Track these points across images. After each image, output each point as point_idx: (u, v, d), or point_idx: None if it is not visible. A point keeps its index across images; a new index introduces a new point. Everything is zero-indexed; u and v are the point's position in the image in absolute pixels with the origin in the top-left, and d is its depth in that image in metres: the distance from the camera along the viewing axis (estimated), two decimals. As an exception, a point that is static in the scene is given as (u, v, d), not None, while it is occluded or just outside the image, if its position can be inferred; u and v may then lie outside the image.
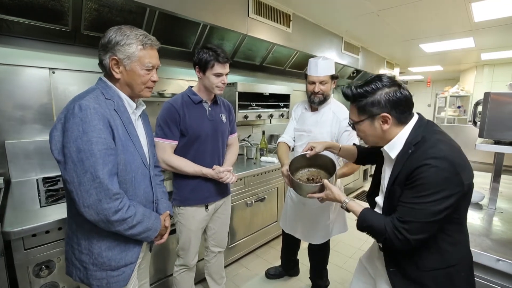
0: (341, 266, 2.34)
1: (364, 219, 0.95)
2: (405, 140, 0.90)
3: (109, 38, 0.93)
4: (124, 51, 0.93)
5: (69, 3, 1.46)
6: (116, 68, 0.95)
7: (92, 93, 0.91)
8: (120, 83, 0.99)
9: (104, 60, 0.95)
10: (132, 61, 0.95)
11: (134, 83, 0.99)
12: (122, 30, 0.94)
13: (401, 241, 0.84)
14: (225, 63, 1.39)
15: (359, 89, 0.92)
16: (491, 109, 1.32)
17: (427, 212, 0.80)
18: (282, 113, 3.02)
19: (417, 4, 2.44)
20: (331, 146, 1.37)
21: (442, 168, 0.79)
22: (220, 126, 1.53)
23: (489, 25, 2.98)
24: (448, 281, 0.88)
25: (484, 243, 1.11)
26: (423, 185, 0.80)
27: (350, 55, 3.71)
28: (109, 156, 0.87)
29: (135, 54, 0.95)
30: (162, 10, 1.68)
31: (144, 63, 0.97)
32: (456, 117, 5.87)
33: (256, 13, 2.23)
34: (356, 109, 0.95)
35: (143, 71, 0.98)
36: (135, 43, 0.94)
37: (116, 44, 0.93)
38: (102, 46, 0.95)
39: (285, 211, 1.97)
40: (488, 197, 1.50)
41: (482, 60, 5.08)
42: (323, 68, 1.59)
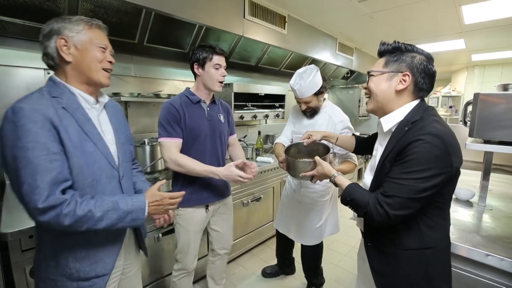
0: (336, 264, 2.38)
1: (349, 192, 0.96)
2: (404, 117, 0.91)
3: (51, 26, 0.84)
4: (72, 28, 0.84)
5: (65, 4, 1.46)
6: (66, 49, 0.84)
7: (34, 93, 0.82)
8: (72, 73, 0.87)
9: (49, 47, 0.84)
10: (82, 39, 0.86)
11: (90, 63, 0.88)
12: (62, 16, 0.87)
13: (381, 216, 0.85)
14: (222, 54, 1.43)
15: (400, 43, 0.93)
16: (480, 110, 1.36)
17: (413, 188, 0.81)
18: (277, 114, 3.04)
19: (410, 7, 2.50)
20: (328, 135, 1.41)
21: (435, 145, 0.79)
22: (218, 126, 1.53)
23: (479, 27, 3.06)
24: (422, 263, 0.90)
25: (474, 239, 1.15)
26: (413, 160, 0.81)
27: (345, 56, 3.75)
28: (52, 163, 0.76)
29: (84, 32, 0.86)
30: (158, 12, 1.69)
31: (95, 42, 0.88)
32: (448, 117, 5.97)
33: (251, 14, 2.25)
34: (384, 61, 0.95)
35: (97, 47, 0.88)
36: (81, 23, 0.86)
37: (60, 27, 0.84)
38: (44, 37, 0.85)
39: (280, 211, 1.99)
40: (478, 195, 1.55)
41: (472, 61, 5.19)
42: (303, 91, 1.58)
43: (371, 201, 0.88)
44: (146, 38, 1.90)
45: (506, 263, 1.00)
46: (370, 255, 1.01)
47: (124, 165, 1.01)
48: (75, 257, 0.87)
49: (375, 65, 0.98)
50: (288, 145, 1.48)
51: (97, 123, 0.93)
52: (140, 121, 2.23)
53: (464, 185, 1.82)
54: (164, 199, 0.96)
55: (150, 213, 0.93)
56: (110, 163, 0.93)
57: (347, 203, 0.97)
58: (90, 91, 0.92)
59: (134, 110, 2.17)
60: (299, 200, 1.80)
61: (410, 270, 0.92)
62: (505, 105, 1.25)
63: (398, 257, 0.92)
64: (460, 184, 1.84)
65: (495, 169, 2.55)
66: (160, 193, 0.96)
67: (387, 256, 0.95)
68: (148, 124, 2.28)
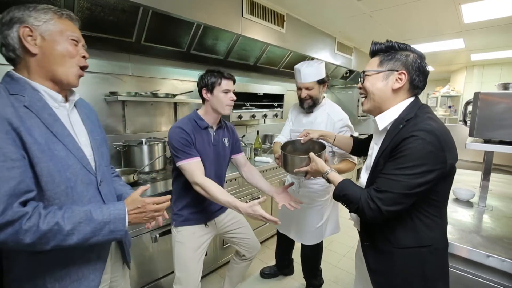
0: (335, 265, 2.36)
1: (341, 187, 0.97)
2: (398, 115, 0.92)
3: (12, 13, 0.73)
4: (38, 16, 0.73)
5: (61, 2, 1.44)
6: (31, 39, 0.73)
7: None
8: (36, 68, 0.76)
9: (9, 36, 0.73)
10: (51, 29, 0.74)
11: (60, 57, 0.76)
12: (26, 4, 0.75)
13: (373, 211, 0.85)
14: (230, 78, 1.42)
15: (393, 42, 0.94)
16: (480, 109, 1.35)
17: (405, 184, 0.81)
18: (276, 113, 3.03)
19: (409, 6, 2.48)
20: (326, 134, 1.42)
21: (428, 141, 0.80)
22: (222, 151, 1.52)
23: (479, 26, 3.05)
24: (418, 262, 0.90)
25: (474, 240, 1.13)
26: (406, 156, 0.82)
27: (343, 55, 3.74)
28: (10, 171, 0.65)
29: (53, 22, 0.75)
30: (155, 10, 1.67)
31: (65, 34, 0.76)
32: (447, 117, 5.97)
33: (250, 13, 2.23)
34: (379, 60, 0.95)
35: (69, 40, 0.77)
36: (49, 11, 0.76)
37: (24, 14, 0.73)
38: (3, 25, 0.73)
39: (280, 211, 1.97)
40: (478, 195, 1.53)
41: (472, 61, 5.19)
42: (307, 74, 1.59)
43: (363, 196, 0.89)
44: (144, 37, 1.88)
45: (507, 264, 0.99)
46: (367, 254, 1.01)
47: (102, 169, 0.90)
48: (54, 276, 0.78)
49: (369, 65, 0.98)
50: (284, 142, 1.48)
51: (68, 124, 0.82)
52: (138, 120, 2.21)
53: (464, 185, 1.81)
54: (148, 205, 0.84)
55: (131, 223, 0.82)
56: (86, 167, 0.83)
57: (339, 199, 0.98)
58: (56, 89, 0.81)
59: (131, 110, 2.15)
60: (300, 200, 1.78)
61: (406, 268, 0.91)
62: (506, 104, 1.24)
63: (394, 255, 0.92)
64: (460, 184, 1.85)
65: (496, 169, 2.54)
66: (143, 198, 0.84)
67: (383, 254, 0.95)
68: (145, 124, 2.26)
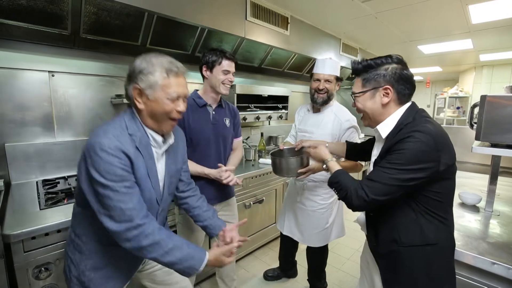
0: (339, 268, 2.35)
1: (336, 175, 1.03)
2: (397, 121, 0.96)
3: (134, 67, 0.90)
4: (147, 80, 0.88)
5: (69, 7, 1.47)
6: (139, 97, 0.90)
7: (117, 128, 0.88)
8: (143, 114, 0.93)
9: (129, 90, 0.92)
10: (155, 90, 0.89)
11: (157, 114, 0.91)
12: (147, 58, 0.90)
13: (359, 198, 0.90)
14: (231, 59, 1.44)
15: (369, 61, 0.98)
16: (487, 112, 1.33)
17: (394, 177, 0.85)
18: (280, 115, 3.03)
19: (415, 7, 2.46)
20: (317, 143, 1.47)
21: (423, 141, 0.84)
22: (222, 130, 1.53)
23: (487, 27, 3.00)
24: (424, 260, 0.91)
25: (480, 246, 1.11)
26: (400, 153, 0.86)
27: (349, 56, 3.72)
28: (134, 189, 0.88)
29: (158, 83, 0.88)
30: (160, 14, 1.70)
31: (168, 92, 0.90)
32: (455, 118, 5.87)
33: (253, 16, 2.24)
34: (361, 81, 1.00)
35: (167, 100, 0.90)
36: (158, 70, 0.88)
37: (139, 73, 0.88)
38: (128, 76, 0.92)
39: (283, 213, 1.98)
40: (485, 200, 1.51)
41: (481, 61, 5.09)
42: (330, 67, 1.63)
43: (353, 185, 0.94)
44: (149, 40, 1.91)
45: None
46: (376, 256, 1.03)
47: (166, 199, 1.07)
48: (94, 266, 0.95)
49: (354, 86, 1.04)
50: (272, 151, 1.57)
51: (156, 161, 0.99)
52: (143, 122, 2.23)
53: (471, 189, 1.78)
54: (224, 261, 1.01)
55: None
56: (156, 199, 1.00)
57: (332, 185, 1.04)
58: (159, 132, 0.97)
59: (137, 112, 2.18)
60: (302, 203, 1.78)
61: (412, 267, 0.93)
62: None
63: (401, 254, 0.94)
64: (467, 188, 1.82)
65: (503, 172, 2.49)
66: (223, 258, 1.00)
67: (391, 254, 0.97)
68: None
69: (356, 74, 1.03)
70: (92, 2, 1.49)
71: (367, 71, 0.99)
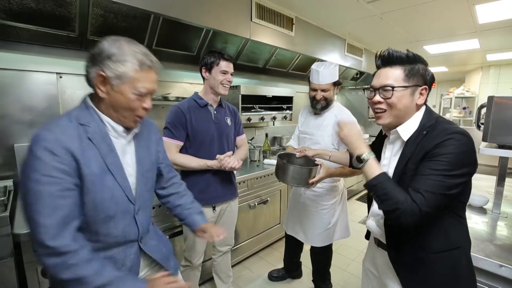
0: (344, 269, 2.34)
1: (382, 183, 0.85)
2: (419, 122, 0.91)
3: (102, 48, 0.77)
4: (115, 68, 0.76)
5: (76, 9, 1.49)
6: (102, 85, 0.78)
7: (63, 119, 0.77)
8: (104, 103, 0.81)
9: (90, 74, 0.79)
10: (123, 82, 0.77)
11: (120, 108, 0.80)
12: (119, 43, 0.79)
13: (413, 215, 0.78)
14: (229, 60, 1.47)
15: (414, 53, 0.91)
16: (494, 113, 1.31)
17: (444, 184, 0.79)
18: (285, 116, 3.03)
19: (420, 7, 2.44)
20: (321, 153, 1.47)
21: (464, 142, 0.80)
22: (225, 129, 1.57)
23: (494, 26, 2.96)
24: (451, 264, 0.88)
25: (487, 248, 1.11)
26: (444, 156, 0.80)
27: (353, 57, 3.71)
28: (65, 199, 0.71)
29: (128, 75, 0.77)
30: (165, 17, 1.71)
31: (136, 86, 0.79)
32: (462, 119, 5.80)
33: (258, 17, 2.25)
34: (404, 74, 0.89)
35: (134, 95, 0.79)
36: (131, 61, 0.77)
37: (107, 58, 0.76)
38: (91, 57, 0.79)
39: (288, 213, 1.98)
40: (492, 201, 1.49)
41: (487, 61, 5.03)
42: (325, 76, 1.60)
43: (406, 198, 0.80)
44: (155, 42, 1.93)
45: (521, 274, 0.96)
46: (397, 266, 0.96)
47: (143, 196, 0.92)
48: None
49: (390, 78, 0.90)
50: (280, 154, 1.55)
51: (121, 153, 0.86)
52: (149, 123, 2.26)
53: (478, 190, 1.76)
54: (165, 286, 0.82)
55: None
56: (127, 196, 0.86)
57: (374, 190, 0.86)
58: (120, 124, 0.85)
59: (143, 113, 2.20)
60: (305, 203, 1.79)
61: (441, 273, 0.89)
62: (521, 109, 1.20)
63: (429, 261, 0.90)
64: (474, 189, 1.79)
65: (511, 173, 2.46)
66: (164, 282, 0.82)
67: (417, 262, 0.92)
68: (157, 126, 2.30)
69: (392, 64, 0.91)
70: (99, 4, 1.51)
71: (411, 64, 0.89)
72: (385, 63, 0.93)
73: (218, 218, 1.63)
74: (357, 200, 4.05)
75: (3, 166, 1.63)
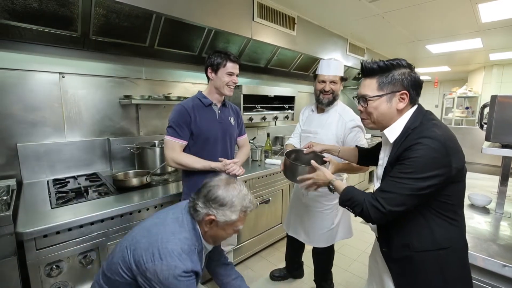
0: (346, 269, 2.34)
1: (346, 193, 1.00)
2: (405, 125, 0.93)
3: (217, 195, 0.98)
4: (225, 216, 0.97)
5: (79, 10, 1.50)
6: (209, 224, 1.00)
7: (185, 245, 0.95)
8: (206, 235, 1.03)
9: (201, 211, 0.99)
10: (227, 224, 0.99)
11: (219, 237, 1.04)
12: (230, 194, 0.99)
13: (376, 211, 0.88)
14: (235, 62, 1.47)
15: (386, 62, 0.93)
16: (498, 112, 1.31)
17: (408, 186, 0.83)
18: (287, 115, 3.03)
19: (423, 6, 2.43)
20: (330, 148, 1.44)
21: (433, 147, 0.82)
22: (229, 128, 1.57)
23: (497, 25, 2.94)
24: (437, 265, 0.89)
25: (490, 248, 1.10)
26: (411, 161, 0.84)
27: (355, 56, 3.70)
28: None
29: (233, 220, 0.98)
30: (168, 16, 1.72)
31: (237, 225, 1.02)
32: (464, 118, 5.77)
33: (260, 17, 2.25)
34: (377, 84, 0.94)
35: (231, 230, 1.03)
36: (238, 211, 0.99)
37: (219, 205, 0.97)
38: (205, 197, 0.99)
39: (289, 213, 1.98)
40: (495, 201, 1.48)
41: (490, 61, 5.00)
42: (335, 68, 1.63)
43: (367, 198, 0.91)
44: (157, 42, 1.93)
45: (525, 274, 0.95)
46: (388, 261, 1.01)
47: None
48: None
49: (366, 88, 0.97)
50: (288, 150, 1.51)
51: None
52: (151, 123, 2.26)
53: (481, 190, 1.75)
54: None
55: None
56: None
57: (345, 204, 1.00)
58: None
59: (144, 113, 2.21)
60: (307, 204, 1.78)
61: (426, 272, 0.91)
62: (525, 108, 1.19)
63: (414, 260, 0.92)
64: (476, 189, 1.79)
65: (514, 173, 2.44)
66: None
67: (403, 259, 0.95)
68: (158, 126, 2.31)
69: (367, 75, 0.97)
70: (102, 4, 1.51)
71: (384, 73, 0.93)
72: (364, 74, 0.99)
73: None
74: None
75: (6, 166, 1.64)
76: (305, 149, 1.45)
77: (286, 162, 1.39)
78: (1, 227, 1.10)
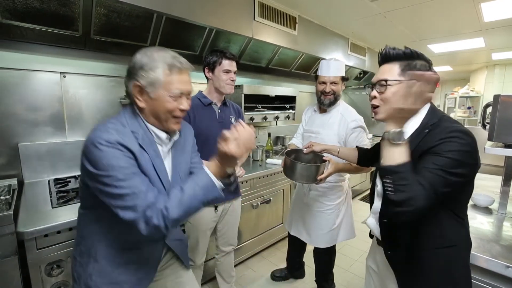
0: (347, 269, 2.33)
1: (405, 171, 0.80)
2: (421, 120, 0.90)
3: (134, 61, 0.84)
4: (148, 76, 0.82)
5: (80, 9, 1.50)
6: (140, 95, 0.85)
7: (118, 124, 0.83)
8: (145, 112, 0.88)
9: (129, 87, 0.85)
10: (156, 87, 0.83)
11: (159, 112, 0.86)
12: (148, 52, 0.84)
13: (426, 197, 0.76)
14: (231, 59, 1.46)
15: (412, 50, 0.90)
16: (501, 112, 1.30)
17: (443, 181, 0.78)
18: (288, 115, 3.02)
19: (424, 5, 2.42)
20: (329, 148, 1.44)
21: (466, 142, 0.80)
22: (229, 128, 1.55)
23: (500, 25, 2.93)
24: (446, 264, 0.88)
25: (493, 249, 1.09)
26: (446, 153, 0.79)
27: (357, 56, 3.69)
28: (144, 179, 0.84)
29: (160, 80, 0.82)
30: (169, 16, 1.71)
31: (170, 89, 0.84)
32: (466, 118, 5.75)
33: (261, 16, 2.24)
34: (399, 69, 0.88)
35: (169, 97, 0.84)
36: (161, 66, 0.82)
37: (140, 69, 0.82)
38: (127, 72, 0.86)
39: (291, 213, 1.98)
40: (498, 202, 1.47)
41: (493, 60, 4.97)
42: (335, 68, 1.62)
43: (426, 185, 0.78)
44: (158, 41, 1.93)
45: (528, 275, 0.94)
46: (394, 263, 0.98)
47: None
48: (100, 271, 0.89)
49: (386, 73, 0.90)
50: (288, 150, 1.52)
51: (163, 158, 0.94)
52: (152, 123, 2.26)
53: (483, 190, 1.74)
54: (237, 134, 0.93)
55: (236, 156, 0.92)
56: None
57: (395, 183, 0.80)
58: (162, 128, 0.92)
59: (145, 112, 2.21)
60: (308, 204, 1.78)
61: (434, 270, 0.89)
62: (528, 107, 1.18)
63: (423, 258, 0.91)
64: (479, 189, 1.78)
65: (517, 173, 2.42)
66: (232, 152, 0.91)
67: (412, 259, 0.93)
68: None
69: (387, 60, 0.92)
70: (103, 4, 1.51)
71: (408, 59, 0.88)
72: (384, 60, 0.94)
73: (220, 218, 1.63)
74: (360, 200, 4.03)
75: (8, 165, 1.64)
76: (305, 149, 1.47)
77: (286, 161, 1.41)
78: (2, 227, 1.10)
